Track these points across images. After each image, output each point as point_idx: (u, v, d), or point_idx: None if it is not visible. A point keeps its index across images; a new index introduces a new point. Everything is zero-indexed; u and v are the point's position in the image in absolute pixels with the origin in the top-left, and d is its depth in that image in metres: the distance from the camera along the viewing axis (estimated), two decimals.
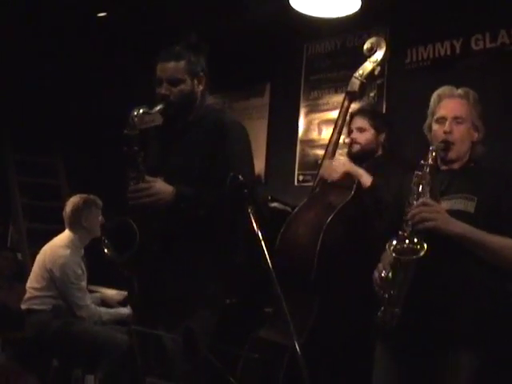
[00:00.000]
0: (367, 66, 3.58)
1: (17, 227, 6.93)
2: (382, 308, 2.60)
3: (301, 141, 5.70)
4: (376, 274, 2.70)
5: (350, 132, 4.03)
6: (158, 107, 2.97)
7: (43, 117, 7.03)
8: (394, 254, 2.52)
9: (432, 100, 2.91)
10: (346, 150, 4.11)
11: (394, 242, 2.54)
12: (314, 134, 5.57)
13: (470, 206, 2.62)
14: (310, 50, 5.76)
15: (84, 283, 4.59)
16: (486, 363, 2.60)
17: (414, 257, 2.50)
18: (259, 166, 5.93)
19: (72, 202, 4.75)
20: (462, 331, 2.59)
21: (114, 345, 4.20)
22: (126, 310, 4.66)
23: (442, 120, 2.80)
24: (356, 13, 4.07)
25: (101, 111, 7.07)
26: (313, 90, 5.67)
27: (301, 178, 5.57)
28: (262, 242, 2.19)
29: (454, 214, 2.61)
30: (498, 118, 4.06)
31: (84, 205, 4.72)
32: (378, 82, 5.04)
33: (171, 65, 3.02)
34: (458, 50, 4.67)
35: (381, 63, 3.57)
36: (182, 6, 5.68)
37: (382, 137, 3.97)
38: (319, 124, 5.51)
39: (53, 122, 7.10)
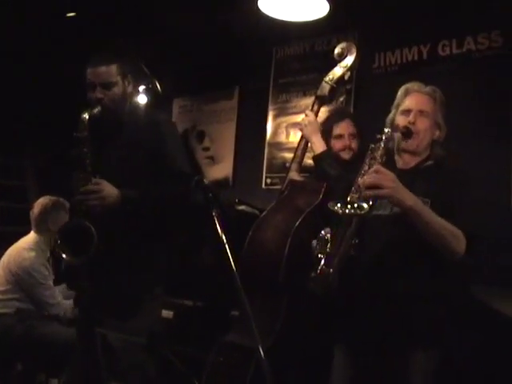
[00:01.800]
0: (337, 71, 3.59)
1: None
2: (316, 269, 2.54)
3: (269, 144, 5.72)
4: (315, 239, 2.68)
5: (336, 137, 3.84)
6: (96, 110, 3.04)
7: (11, 118, 6.95)
8: (335, 208, 2.47)
9: (399, 93, 2.92)
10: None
11: (339, 204, 2.48)
12: (282, 137, 5.58)
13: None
14: (279, 53, 5.78)
15: (50, 282, 4.54)
16: (441, 364, 2.64)
17: (353, 212, 2.47)
18: (227, 168, 5.95)
19: (40, 203, 4.69)
20: (416, 334, 2.62)
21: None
22: None
23: (406, 112, 2.82)
24: (325, 17, 4.08)
25: (71, 112, 6.99)
26: (281, 93, 5.69)
27: (268, 180, 5.58)
28: (226, 246, 2.19)
29: None
30: (462, 123, 4.12)
31: (53, 207, 4.65)
32: (348, 87, 5.08)
33: (103, 69, 3.10)
34: (425, 56, 4.73)
35: (351, 68, 3.58)
36: (152, 9, 5.66)
37: (359, 141, 3.86)
38: (287, 127, 5.53)
39: (21, 123, 7.02)
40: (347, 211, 2.47)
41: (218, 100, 6.24)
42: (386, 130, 2.71)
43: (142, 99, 5.82)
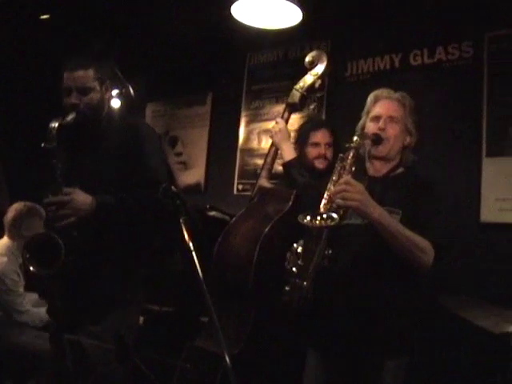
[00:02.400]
0: (308, 79, 3.59)
1: None
2: (290, 283, 2.56)
3: (241, 150, 5.74)
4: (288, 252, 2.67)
5: (313, 145, 3.81)
6: (70, 117, 2.92)
7: None
8: (304, 221, 2.50)
9: (368, 100, 2.91)
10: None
11: (308, 217, 2.52)
12: (254, 144, 5.60)
13: (395, 219, 2.61)
14: (253, 59, 5.80)
15: (21, 289, 4.51)
16: (410, 370, 2.66)
17: (323, 224, 2.49)
18: (199, 174, 5.94)
19: (15, 208, 4.65)
20: (386, 341, 2.63)
21: (45, 356, 4.13)
22: None
23: (376, 119, 2.81)
24: (298, 25, 4.09)
25: (42, 116, 6.94)
26: (254, 99, 5.71)
27: (240, 187, 5.58)
28: (193, 253, 2.18)
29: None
30: (432, 132, 4.16)
31: (27, 213, 4.62)
32: (318, 94, 5.13)
33: (80, 74, 2.99)
34: (397, 65, 4.79)
35: (321, 76, 3.58)
36: (126, 13, 5.66)
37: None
38: (259, 133, 5.54)
39: None
40: (317, 223, 2.50)
41: (191, 105, 6.24)
42: (354, 139, 2.71)
43: (115, 104, 5.80)
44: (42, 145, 2.83)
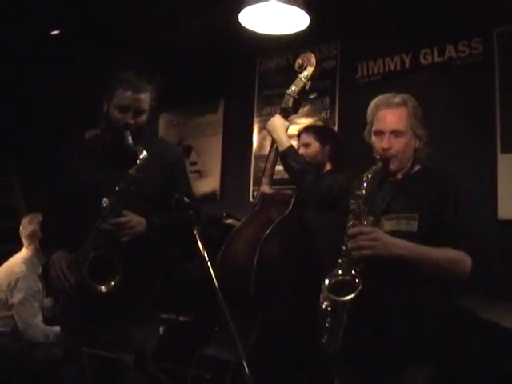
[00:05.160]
0: (299, 82, 3.56)
1: None
2: (325, 336, 2.58)
3: (255, 156, 5.74)
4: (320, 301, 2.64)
5: (298, 149, 4.09)
6: (129, 138, 2.90)
7: None
8: (329, 294, 2.50)
9: (369, 110, 2.81)
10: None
11: (327, 281, 2.52)
12: (267, 150, 5.54)
13: (412, 226, 2.58)
14: (263, 65, 5.81)
15: (37, 303, 4.49)
16: (436, 376, 2.62)
17: (348, 298, 2.46)
18: (214, 182, 5.95)
19: (32, 220, 4.69)
20: (408, 349, 2.58)
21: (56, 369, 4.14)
22: None
23: (379, 133, 2.71)
24: (307, 29, 4.09)
25: (56, 129, 7.01)
26: (266, 105, 5.72)
27: (255, 193, 5.54)
28: (208, 263, 2.19)
29: (398, 234, 2.56)
30: (445, 131, 4.14)
31: (30, 222, 4.68)
32: (311, 96, 5.17)
33: (142, 96, 2.96)
34: (407, 65, 4.78)
35: (311, 78, 3.54)
36: (134, 25, 5.68)
37: (327, 149, 4.14)
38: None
39: (6, 141, 7.02)
40: (341, 298, 2.48)
41: (203, 114, 6.25)
42: (364, 185, 2.60)
43: None
44: (131, 172, 2.82)
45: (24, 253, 4.66)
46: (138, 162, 2.83)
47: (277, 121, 3.51)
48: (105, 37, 5.98)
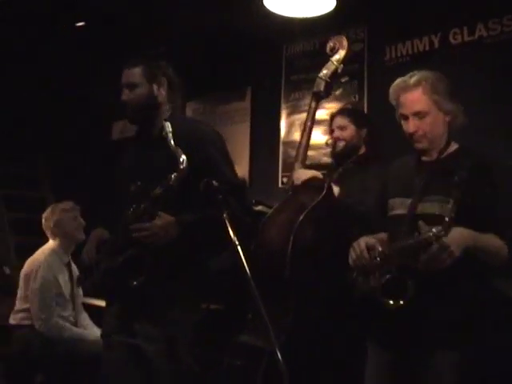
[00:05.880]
0: (331, 66, 3.58)
1: (4, 241, 6.86)
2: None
3: (283, 142, 5.69)
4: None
5: (331, 132, 4.10)
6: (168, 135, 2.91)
7: (25, 129, 7.00)
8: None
9: (390, 95, 2.79)
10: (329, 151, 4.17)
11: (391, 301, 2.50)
12: (296, 135, 5.51)
13: (445, 209, 2.47)
14: (290, 50, 5.76)
15: (52, 295, 4.46)
16: (469, 363, 2.55)
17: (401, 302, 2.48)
18: (243, 169, 5.92)
19: (50, 210, 4.73)
20: (440, 334, 2.54)
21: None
22: (94, 333, 4.47)
23: (404, 117, 2.69)
24: (333, 12, 4.05)
25: (83, 121, 7.05)
26: (293, 91, 5.66)
27: (285, 179, 5.53)
28: (239, 247, 2.16)
29: (430, 217, 2.51)
30: (478, 112, 4.05)
31: (52, 212, 4.69)
32: (343, 80, 5.10)
33: (128, 71, 3.10)
34: (436, 45, 4.69)
35: (343, 61, 3.58)
36: (160, 14, 5.67)
37: (364, 132, 4.01)
38: (301, 125, 5.45)
39: (35, 133, 7.07)
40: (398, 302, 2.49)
41: (230, 101, 6.22)
42: (435, 230, 2.41)
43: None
44: (170, 182, 2.81)
45: (49, 244, 4.68)
46: (179, 169, 2.80)
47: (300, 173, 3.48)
48: (130, 27, 5.99)
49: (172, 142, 2.83)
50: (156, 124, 3.07)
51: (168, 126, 2.86)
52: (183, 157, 2.79)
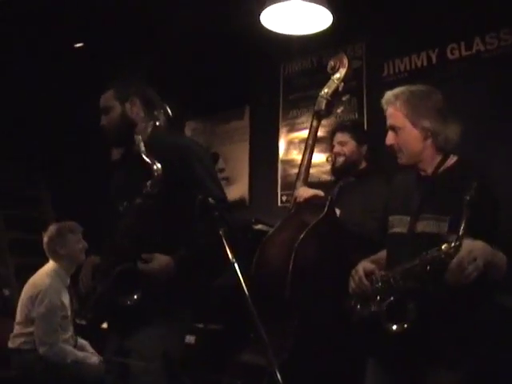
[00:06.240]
0: (331, 84, 3.62)
1: (3, 262, 6.82)
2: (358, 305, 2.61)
3: (282, 161, 5.68)
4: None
5: (332, 148, 4.11)
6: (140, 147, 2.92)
7: (26, 149, 6.99)
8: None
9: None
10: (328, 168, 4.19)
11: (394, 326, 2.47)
12: (294, 154, 5.52)
13: (442, 227, 2.46)
14: (287, 69, 5.75)
15: (58, 319, 4.40)
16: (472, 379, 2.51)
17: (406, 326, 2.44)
18: (243, 188, 5.91)
19: (47, 231, 4.68)
20: (442, 352, 2.50)
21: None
22: (95, 360, 4.46)
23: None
24: (330, 29, 4.05)
25: (83, 140, 7.04)
26: (292, 109, 5.66)
27: (284, 198, 5.52)
28: (236, 265, 2.12)
29: (428, 236, 2.49)
30: (477, 126, 4.04)
31: (57, 233, 4.63)
32: (344, 98, 5.10)
33: (102, 96, 3.14)
34: (434, 61, 4.68)
35: (344, 80, 3.62)
36: (158, 34, 5.68)
37: (364, 149, 4.04)
38: (300, 143, 5.45)
39: (36, 154, 7.07)
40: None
41: (229, 120, 6.21)
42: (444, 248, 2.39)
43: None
44: (144, 189, 2.82)
45: (49, 265, 4.63)
46: (153, 176, 2.81)
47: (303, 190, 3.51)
48: (125, 43, 5.99)
49: (143, 151, 2.84)
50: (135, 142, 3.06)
51: (139, 140, 2.87)
52: (157, 164, 2.80)
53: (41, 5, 5.37)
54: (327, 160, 4.21)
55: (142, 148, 2.85)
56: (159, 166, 2.80)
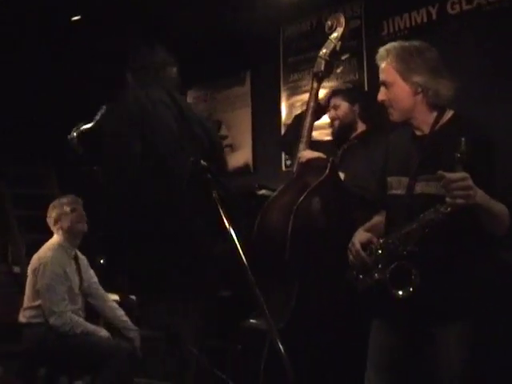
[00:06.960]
0: (329, 44, 3.60)
1: (13, 240, 6.85)
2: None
3: (285, 125, 5.60)
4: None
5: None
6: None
7: (31, 127, 6.97)
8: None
9: None
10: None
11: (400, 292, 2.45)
12: None
13: (440, 187, 2.35)
14: (287, 32, 5.70)
15: (64, 288, 4.40)
16: (477, 333, 2.51)
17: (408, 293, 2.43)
18: (246, 154, 5.89)
19: (54, 206, 4.69)
20: (447, 308, 2.49)
21: (116, 356, 4.16)
22: (105, 334, 4.42)
23: None
24: None
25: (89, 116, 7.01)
26: (292, 72, 5.62)
27: (288, 162, 5.47)
28: (231, 229, 2.09)
29: (428, 197, 2.47)
30: (477, 81, 3.99)
31: (52, 208, 4.67)
32: (343, 57, 5.03)
33: None
34: (434, 16, 4.61)
35: (341, 39, 3.59)
36: (156, 3, 5.63)
37: (356, 107, 3.96)
38: (302, 106, 5.39)
39: (41, 132, 7.05)
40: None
41: (230, 87, 6.18)
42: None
43: None
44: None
45: (53, 239, 4.64)
46: None
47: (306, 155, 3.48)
48: (129, 19, 5.95)
49: None
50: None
51: None
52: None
53: None
54: (329, 125, 4.19)
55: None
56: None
